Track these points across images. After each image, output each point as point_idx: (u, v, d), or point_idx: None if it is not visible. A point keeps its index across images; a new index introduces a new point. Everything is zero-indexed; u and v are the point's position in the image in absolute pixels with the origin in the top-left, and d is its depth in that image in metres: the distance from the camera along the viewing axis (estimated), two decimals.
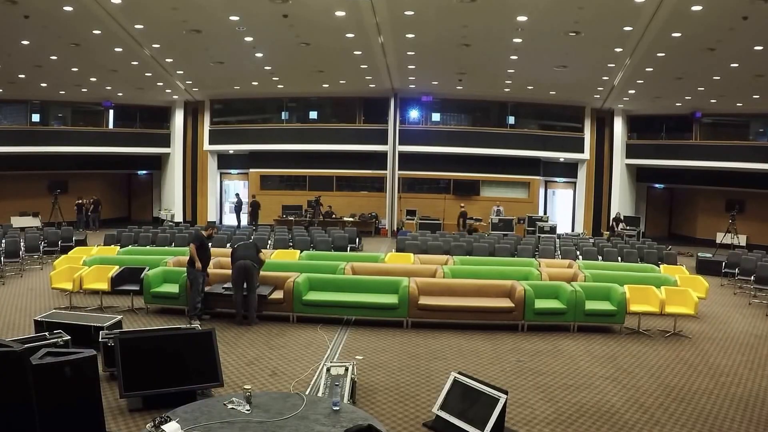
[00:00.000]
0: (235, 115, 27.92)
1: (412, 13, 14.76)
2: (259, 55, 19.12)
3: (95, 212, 26.06)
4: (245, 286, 10.27)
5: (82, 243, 18.01)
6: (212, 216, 27.93)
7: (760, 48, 15.01)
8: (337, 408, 5.30)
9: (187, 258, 10.62)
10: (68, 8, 14.14)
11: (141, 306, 11.22)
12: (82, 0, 13.79)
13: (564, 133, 26.76)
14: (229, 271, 10.58)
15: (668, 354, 9.19)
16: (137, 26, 16.09)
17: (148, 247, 16.88)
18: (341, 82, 23.30)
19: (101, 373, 5.76)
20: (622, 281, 11.29)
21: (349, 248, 18.41)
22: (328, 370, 6.84)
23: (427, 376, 7.84)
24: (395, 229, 25.30)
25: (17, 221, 22.99)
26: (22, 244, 15.86)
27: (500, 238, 18.78)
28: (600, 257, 16.58)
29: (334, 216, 25.59)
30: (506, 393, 5.87)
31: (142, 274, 11.18)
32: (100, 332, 7.51)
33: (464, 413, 6.02)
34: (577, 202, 27.24)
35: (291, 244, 17.88)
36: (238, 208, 26.47)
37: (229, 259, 10.72)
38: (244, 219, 26.21)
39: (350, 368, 6.89)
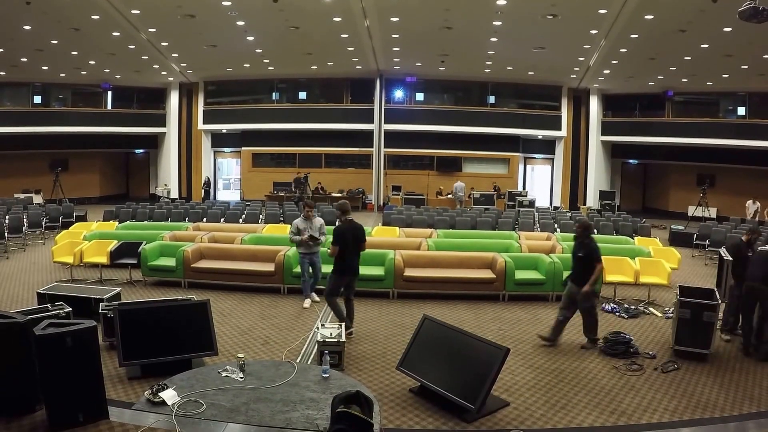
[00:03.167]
0: (227, 96, 27.66)
1: None
2: (250, 38, 18.91)
3: None
4: None
5: (83, 219, 17.89)
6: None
7: (728, 29, 14.99)
8: (327, 375, 5.33)
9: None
10: None
11: (139, 278, 11.15)
12: None
13: (542, 112, 26.73)
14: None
15: (643, 322, 9.27)
16: (134, 11, 15.87)
17: (145, 222, 16.75)
18: (329, 63, 23.11)
19: (101, 342, 5.72)
20: None
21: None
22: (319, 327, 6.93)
23: None
24: (381, 204, 25.28)
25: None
26: (25, 220, 15.76)
27: (482, 212, 18.80)
28: None
29: (322, 192, 25.51)
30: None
31: (140, 248, 11.10)
32: (100, 304, 7.49)
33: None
34: (555, 178, 27.32)
35: (282, 219, 17.83)
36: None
37: (218, 231, 10.41)
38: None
39: (342, 326, 7.23)
